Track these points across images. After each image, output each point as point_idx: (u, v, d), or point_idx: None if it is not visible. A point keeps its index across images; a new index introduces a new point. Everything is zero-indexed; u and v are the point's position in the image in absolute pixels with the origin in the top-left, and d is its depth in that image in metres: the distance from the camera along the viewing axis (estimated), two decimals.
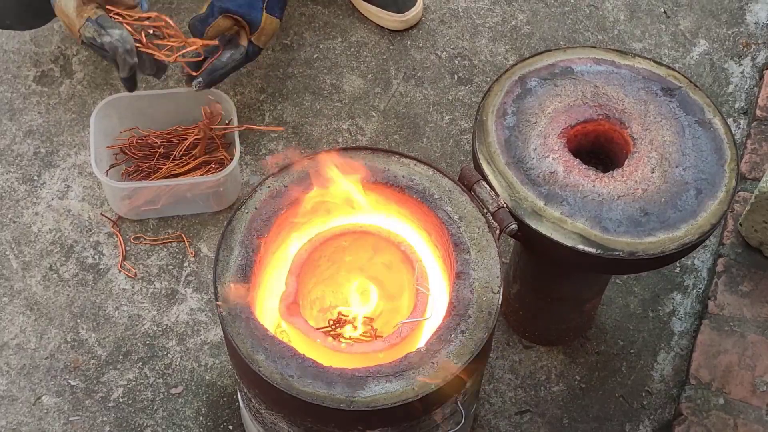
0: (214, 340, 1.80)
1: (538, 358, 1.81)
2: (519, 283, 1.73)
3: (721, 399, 1.70)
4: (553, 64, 1.55)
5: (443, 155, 2.04)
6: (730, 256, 1.87)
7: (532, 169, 1.44)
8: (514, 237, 1.43)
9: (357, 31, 2.20)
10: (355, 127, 2.07)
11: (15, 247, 1.89)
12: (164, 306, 1.83)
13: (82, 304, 1.83)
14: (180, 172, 1.90)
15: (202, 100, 1.90)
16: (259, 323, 1.28)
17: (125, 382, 1.75)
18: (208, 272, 1.87)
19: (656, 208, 1.41)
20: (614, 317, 1.86)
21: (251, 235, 1.35)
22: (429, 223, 1.40)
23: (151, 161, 1.92)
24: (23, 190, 1.95)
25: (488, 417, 1.74)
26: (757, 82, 2.16)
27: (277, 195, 1.39)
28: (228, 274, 1.32)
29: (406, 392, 1.23)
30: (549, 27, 2.24)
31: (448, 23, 2.23)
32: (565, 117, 1.49)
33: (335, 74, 2.13)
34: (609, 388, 1.78)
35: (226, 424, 1.72)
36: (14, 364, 1.76)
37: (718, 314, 1.80)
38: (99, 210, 1.93)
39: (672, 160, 1.44)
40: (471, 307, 1.30)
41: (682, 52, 2.22)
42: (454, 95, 2.12)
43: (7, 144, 2.01)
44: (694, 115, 1.49)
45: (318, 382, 1.23)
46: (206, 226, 1.92)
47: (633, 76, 1.53)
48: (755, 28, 2.26)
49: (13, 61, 2.12)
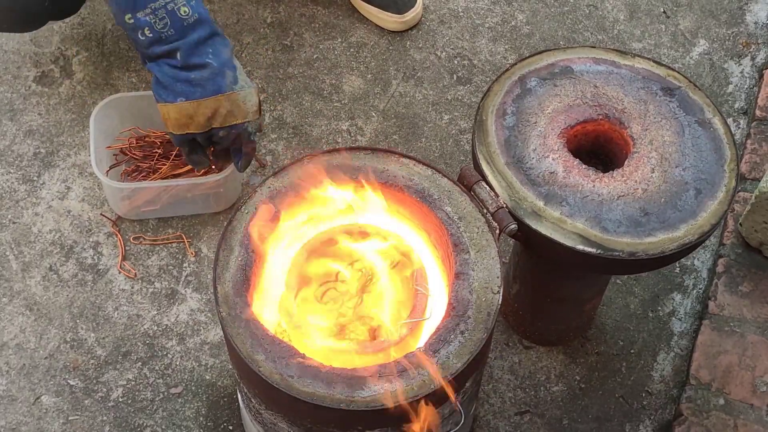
0: (214, 340, 1.80)
1: (537, 359, 1.81)
2: (519, 284, 1.73)
3: (721, 399, 1.70)
4: (553, 64, 1.55)
5: (443, 155, 2.04)
6: (730, 256, 1.87)
7: (532, 169, 1.44)
8: (514, 237, 1.43)
9: (357, 31, 2.20)
10: (355, 127, 2.07)
11: (15, 248, 1.89)
12: (164, 306, 1.83)
13: (81, 305, 1.83)
14: (180, 173, 1.90)
15: None
16: (258, 323, 1.28)
17: (125, 382, 1.75)
18: (208, 272, 1.87)
19: (656, 208, 1.41)
20: (614, 317, 1.86)
21: (251, 235, 1.35)
22: (428, 223, 1.40)
23: (151, 161, 1.91)
24: (23, 191, 1.95)
25: (488, 417, 1.74)
26: (756, 82, 2.16)
27: (277, 195, 1.39)
28: (228, 274, 1.32)
29: (406, 392, 1.23)
30: (549, 27, 2.24)
31: (447, 23, 2.23)
32: (564, 117, 1.49)
33: (335, 74, 2.13)
34: (609, 389, 1.78)
35: (226, 424, 1.71)
36: (14, 364, 1.76)
37: (718, 314, 1.80)
38: (99, 210, 1.93)
39: (672, 160, 1.44)
40: (470, 308, 1.30)
41: (682, 52, 2.22)
42: (454, 95, 2.12)
43: (7, 144, 2.01)
44: (693, 115, 1.49)
45: (318, 382, 1.23)
46: (206, 226, 1.92)
47: (633, 76, 1.53)
48: (755, 28, 2.26)
49: (13, 62, 2.12)
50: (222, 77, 1.61)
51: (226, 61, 1.61)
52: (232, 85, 1.62)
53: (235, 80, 1.62)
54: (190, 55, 1.59)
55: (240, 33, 2.19)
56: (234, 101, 1.62)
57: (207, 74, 1.60)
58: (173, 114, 1.62)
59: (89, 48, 2.13)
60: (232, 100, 1.62)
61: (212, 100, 1.61)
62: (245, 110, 1.64)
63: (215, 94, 1.61)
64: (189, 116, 1.62)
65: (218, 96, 1.61)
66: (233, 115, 1.63)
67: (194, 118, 1.62)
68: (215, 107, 1.61)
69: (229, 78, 1.61)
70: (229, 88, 1.61)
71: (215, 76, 1.60)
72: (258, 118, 1.67)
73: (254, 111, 1.65)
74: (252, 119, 1.66)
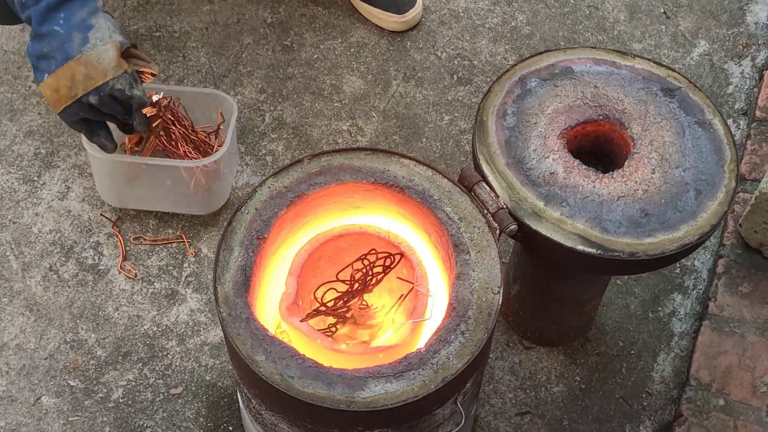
0: (214, 340, 1.80)
1: (538, 359, 1.81)
2: (519, 284, 1.73)
3: (721, 400, 1.70)
4: (553, 65, 1.55)
5: (443, 156, 2.04)
6: (730, 257, 1.87)
7: (532, 170, 1.44)
8: (514, 238, 1.43)
9: (357, 31, 2.20)
10: (355, 127, 2.07)
11: (15, 248, 1.89)
12: (164, 306, 1.83)
13: (81, 305, 1.83)
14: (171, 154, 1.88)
15: (202, 100, 1.90)
16: (259, 324, 1.28)
17: (125, 382, 1.75)
18: (209, 273, 1.87)
19: (656, 208, 1.41)
20: (614, 318, 1.86)
21: (251, 236, 1.35)
22: (429, 223, 1.40)
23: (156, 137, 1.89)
24: (23, 191, 1.95)
25: (488, 418, 1.74)
26: (756, 83, 2.16)
27: (277, 195, 1.39)
28: (228, 275, 1.32)
29: (406, 393, 1.23)
30: (549, 27, 2.24)
31: (448, 24, 2.23)
32: (565, 117, 1.49)
33: (335, 75, 2.13)
34: (609, 389, 1.78)
35: (226, 425, 1.71)
36: (14, 365, 1.76)
37: (718, 315, 1.80)
38: (99, 210, 1.93)
39: (672, 160, 1.44)
40: (471, 308, 1.30)
41: (682, 52, 2.22)
42: (454, 96, 2.12)
43: (8, 145, 2.01)
44: (694, 116, 1.49)
45: (318, 383, 1.23)
46: (206, 227, 1.92)
47: (633, 77, 1.53)
48: (755, 28, 2.26)
49: (13, 62, 2.12)
50: (69, 42, 1.53)
51: (75, 24, 1.53)
52: (80, 48, 1.54)
53: (84, 41, 1.54)
54: (41, 24, 1.53)
55: (240, 33, 2.19)
56: (87, 63, 1.54)
57: (56, 44, 1.54)
58: (46, 93, 1.58)
59: None
60: (84, 62, 1.54)
61: (64, 68, 1.54)
62: (103, 69, 1.55)
63: (65, 61, 1.54)
64: (56, 91, 1.57)
65: (69, 62, 1.54)
66: (91, 78, 1.56)
67: (59, 91, 1.57)
68: (70, 75, 1.55)
69: (77, 41, 1.54)
70: (78, 51, 1.54)
71: (63, 43, 1.54)
72: (123, 73, 1.58)
73: (114, 66, 1.56)
74: (113, 75, 1.57)
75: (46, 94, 1.59)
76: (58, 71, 1.55)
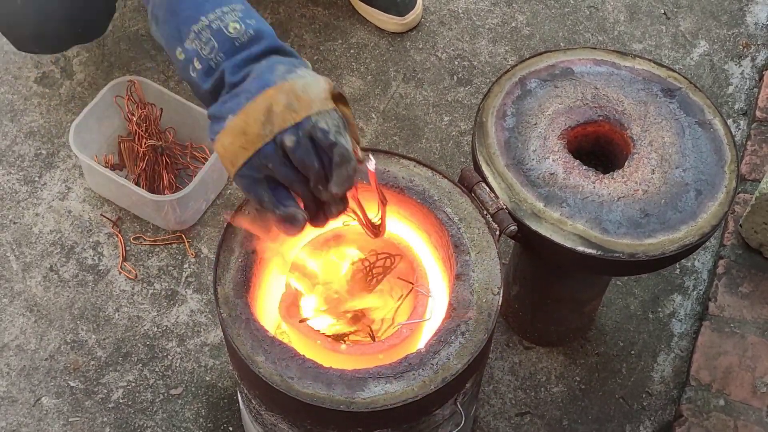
0: (214, 341, 1.80)
1: (538, 360, 1.81)
2: (519, 285, 1.73)
3: (722, 400, 1.70)
4: (553, 65, 1.55)
5: (443, 156, 2.04)
6: (731, 257, 1.87)
7: (532, 171, 1.44)
8: (514, 238, 1.43)
9: (357, 32, 2.20)
10: None
11: (15, 248, 1.89)
12: (164, 307, 1.83)
13: (82, 306, 1.83)
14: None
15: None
16: (259, 324, 1.28)
17: (125, 383, 1.75)
18: (209, 273, 1.87)
19: (656, 209, 1.41)
20: (614, 318, 1.86)
21: (252, 236, 1.35)
22: (429, 224, 1.40)
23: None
24: (24, 191, 1.95)
25: (488, 418, 1.74)
26: (756, 83, 2.16)
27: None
28: (228, 275, 1.32)
29: (406, 393, 1.23)
30: (549, 28, 2.24)
31: (447, 24, 2.23)
32: (565, 118, 1.49)
33: (335, 75, 2.14)
34: (609, 390, 1.78)
35: (226, 425, 1.72)
36: (14, 366, 1.76)
37: (718, 316, 1.80)
38: (99, 211, 1.93)
39: (672, 161, 1.44)
40: (471, 309, 1.30)
41: (682, 53, 2.22)
42: (454, 96, 2.12)
43: (8, 145, 2.01)
44: (694, 116, 1.49)
45: (318, 384, 1.23)
46: (206, 227, 1.92)
47: (633, 78, 1.53)
48: (755, 29, 2.26)
49: (13, 63, 2.12)
50: (270, 72, 1.17)
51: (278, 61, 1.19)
52: (284, 75, 1.16)
53: (290, 71, 1.17)
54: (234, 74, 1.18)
55: None
56: (290, 91, 1.15)
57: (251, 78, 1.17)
58: (226, 142, 1.15)
59: (90, 49, 2.13)
60: (286, 90, 1.15)
61: (260, 98, 1.15)
62: (308, 99, 1.15)
63: (262, 90, 1.15)
64: (242, 132, 1.15)
65: (267, 90, 1.15)
66: (293, 110, 1.14)
67: (247, 131, 1.15)
68: (266, 106, 1.14)
69: (280, 70, 1.17)
70: (281, 79, 1.16)
71: (261, 74, 1.17)
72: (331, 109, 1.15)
73: (322, 99, 1.15)
74: (319, 109, 1.14)
75: (227, 144, 1.15)
76: (248, 105, 1.15)
